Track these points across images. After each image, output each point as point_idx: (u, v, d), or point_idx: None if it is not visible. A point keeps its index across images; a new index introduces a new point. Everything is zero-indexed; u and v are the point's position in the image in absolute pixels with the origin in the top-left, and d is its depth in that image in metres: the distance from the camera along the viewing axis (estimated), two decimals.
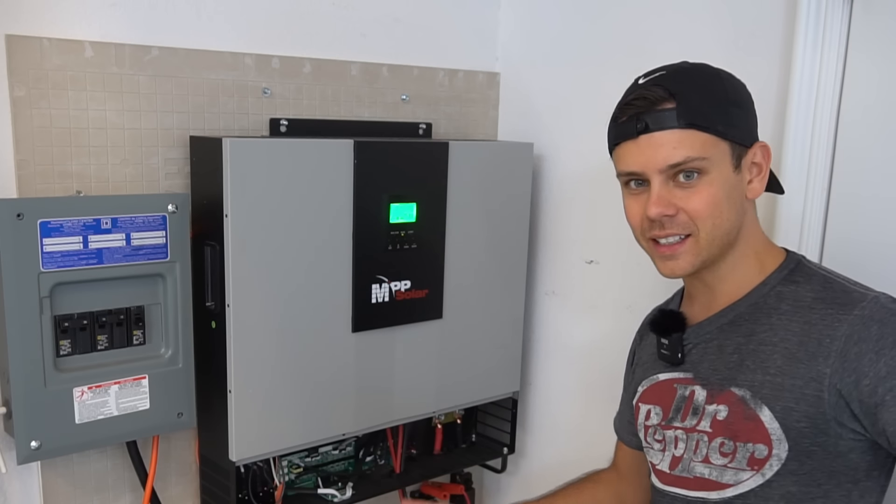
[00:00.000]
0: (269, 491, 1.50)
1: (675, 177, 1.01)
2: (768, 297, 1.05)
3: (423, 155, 1.51)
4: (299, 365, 1.41)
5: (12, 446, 1.25)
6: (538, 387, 1.85)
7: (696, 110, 1.00)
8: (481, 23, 1.81)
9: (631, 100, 1.03)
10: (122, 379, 1.29)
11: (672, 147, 1.00)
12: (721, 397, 1.05)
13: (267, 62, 1.48)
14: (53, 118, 1.28)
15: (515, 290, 1.73)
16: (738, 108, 1.03)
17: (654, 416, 1.15)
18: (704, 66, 1.05)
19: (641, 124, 1.01)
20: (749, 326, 1.05)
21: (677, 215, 1.02)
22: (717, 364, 1.07)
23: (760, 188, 1.05)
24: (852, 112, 1.28)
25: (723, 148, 1.01)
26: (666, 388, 1.13)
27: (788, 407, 0.98)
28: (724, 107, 1.01)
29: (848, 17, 1.26)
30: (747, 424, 1.01)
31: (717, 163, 1.00)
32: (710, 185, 1.00)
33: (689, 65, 1.05)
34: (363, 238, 1.43)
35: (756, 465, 1.01)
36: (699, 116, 0.99)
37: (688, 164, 1.00)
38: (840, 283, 1.03)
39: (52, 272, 1.21)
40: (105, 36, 1.32)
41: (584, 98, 1.68)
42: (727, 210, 1.01)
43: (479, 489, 1.96)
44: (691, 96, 1.00)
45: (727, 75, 1.05)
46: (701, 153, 0.99)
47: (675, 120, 0.99)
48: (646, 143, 1.01)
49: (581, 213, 1.72)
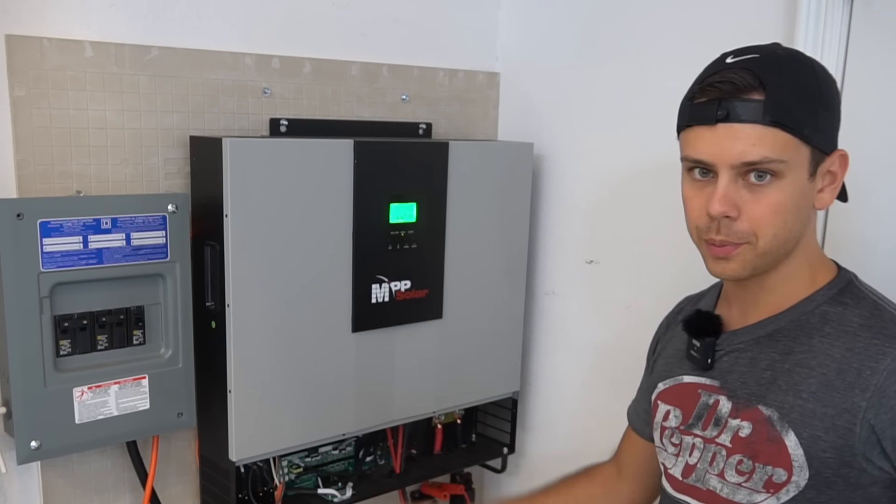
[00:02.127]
0: (269, 491, 1.50)
1: (745, 175, 0.92)
2: (812, 315, 0.99)
3: (423, 155, 1.51)
4: (299, 365, 1.41)
5: (12, 446, 1.25)
6: (538, 387, 1.85)
7: (784, 107, 0.90)
8: (481, 23, 1.81)
9: (716, 81, 0.93)
10: (122, 379, 1.29)
11: (751, 143, 0.90)
12: (746, 413, 0.99)
13: (267, 62, 1.48)
14: (53, 118, 1.28)
15: (515, 290, 1.73)
16: (827, 111, 0.94)
17: (674, 418, 1.10)
18: (799, 55, 0.97)
19: (723, 111, 0.91)
20: (787, 344, 0.99)
21: (738, 220, 0.94)
22: (747, 377, 1.01)
23: (830, 199, 0.98)
24: (852, 112, 1.27)
25: (803, 153, 0.92)
26: (689, 391, 1.08)
27: (816, 436, 0.93)
28: (814, 107, 0.92)
29: (848, 17, 1.26)
30: (770, 447, 0.96)
31: (794, 167, 0.92)
32: (782, 192, 0.92)
33: (783, 51, 0.96)
34: (363, 238, 1.43)
35: (772, 489, 0.96)
36: (787, 115, 0.90)
37: (764, 165, 0.91)
38: (890, 311, 0.96)
39: (52, 272, 1.21)
40: (105, 36, 1.32)
41: (584, 98, 1.68)
42: (793, 220, 0.94)
43: (479, 489, 1.96)
44: (782, 90, 0.91)
45: (822, 70, 0.96)
46: (781, 155, 0.91)
47: (762, 114, 0.90)
48: (723, 133, 0.92)
49: (581, 213, 1.72)
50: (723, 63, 0.95)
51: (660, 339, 1.24)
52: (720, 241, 0.95)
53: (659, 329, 1.26)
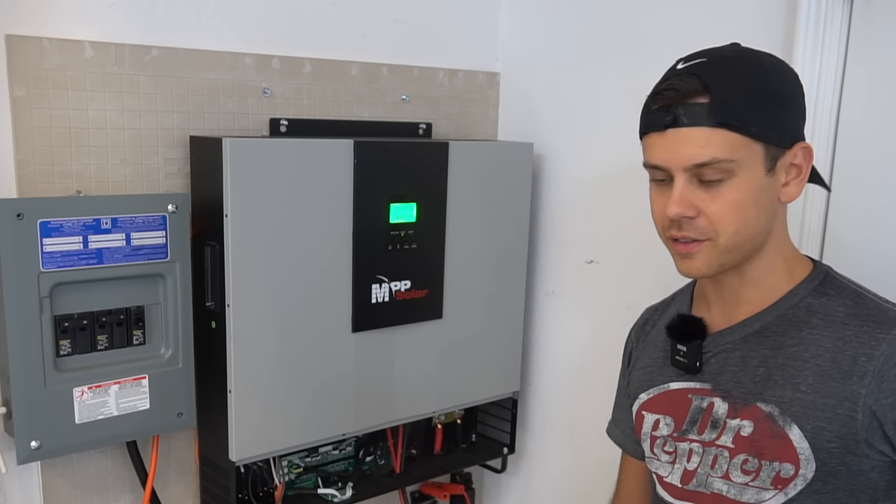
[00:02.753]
0: (269, 491, 1.50)
1: (700, 176, 0.94)
2: (798, 308, 0.99)
3: (423, 155, 1.51)
4: (299, 365, 1.41)
5: (12, 446, 1.25)
6: (538, 387, 1.85)
7: (729, 108, 0.92)
8: (481, 23, 1.81)
9: (663, 88, 0.96)
10: (122, 379, 1.29)
11: (699, 145, 0.93)
12: (745, 412, 0.99)
13: (267, 62, 1.48)
14: (53, 118, 1.28)
15: (515, 290, 1.73)
16: (778, 106, 0.95)
17: (664, 426, 1.09)
18: (751, 53, 0.97)
19: (670, 117, 0.94)
20: (777, 339, 0.99)
21: (697, 218, 0.95)
22: (740, 376, 1.01)
23: (797, 192, 0.98)
24: (852, 112, 1.28)
25: (755, 150, 0.93)
26: (678, 397, 1.08)
27: (820, 426, 0.94)
28: (763, 104, 0.93)
29: (848, 17, 1.26)
30: (774, 443, 0.96)
31: (746, 165, 0.93)
32: (737, 190, 0.94)
33: (732, 51, 0.98)
34: (363, 238, 1.43)
35: (780, 485, 0.96)
36: (732, 115, 0.92)
37: (714, 166, 0.93)
38: (872, 299, 0.98)
39: (52, 272, 1.21)
40: (105, 36, 1.32)
41: (584, 98, 1.68)
42: (753, 216, 0.95)
43: (479, 489, 1.96)
44: (727, 91, 0.92)
45: (775, 66, 0.96)
46: (730, 154, 0.92)
47: (706, 116, 0.92)
48: (672, 138, 0.94)
49: (581, 213, 1.72)
50: (674, 69, 0.98)
51: (632, 352, 1.24)
52: (681, 236, 0.97)
53: (628, 342, 1.26)
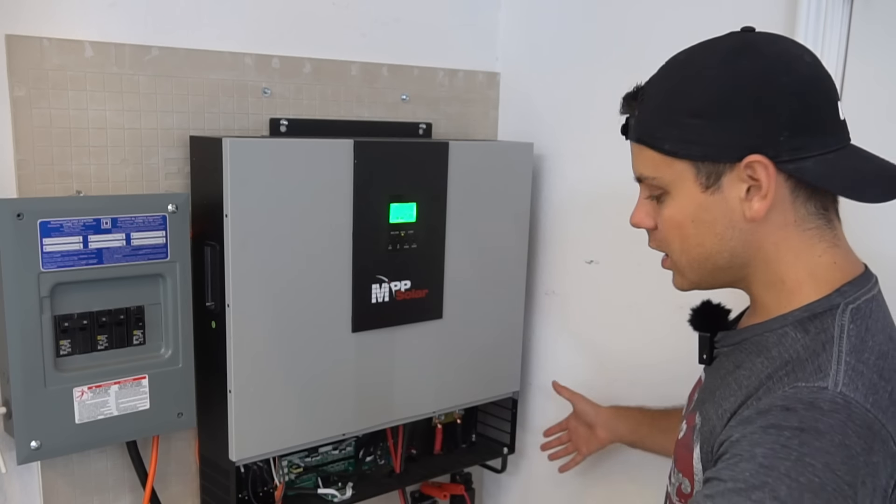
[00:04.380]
0: (269, 491, 1.50)
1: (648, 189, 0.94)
2: (773, 334, 0.89)
3: (423, 155, 1.51)
4: (299, 365, 1.41)
5: (12, 446, 1.25)
6: (538, 387, 1.85)
7: (643, 124, 0.90)
8: (481, 23, 1.81)
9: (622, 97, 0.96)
10: (122, 379, 1.29)
11: (635, 159, 0.93)
12: (690, 417, 0.97)
13: (267, 62, 1.48)
14: (53, 118, 1.28)
15: (515, 290, 1.73)
16: (708, 119, 0.85)
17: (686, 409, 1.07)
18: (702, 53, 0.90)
19: (623, 127, 0.95)
20: (741, 357, 0.92)
21: (655, 231, 0.95)
22: (710, 383, 0.97)
23: (760, 209, 0.86)
24: (852, 112, 1.27)
25: (679, 168, 0.87)
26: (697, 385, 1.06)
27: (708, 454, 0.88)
28: (681, 119, 0.86)
29: (848, 17, 1.26)
30: (685, 454, 0.93)
31: (674, 183, 0.89)
32: (670, 207, 0.90)
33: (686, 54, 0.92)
34: (363, 238, 1.43)
35: (683, 499, 0.93)
36: (645, 133, 0.90)
37: (647, 182, 0.92)
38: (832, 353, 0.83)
39: (52, 272, 1.21)
40: (105, 36, 1.32)
41: (585, 98, 1.68)
42: (695, 235, 0.89)
43: (479, 489, 1.96)
44: (647, 106, 0.90)
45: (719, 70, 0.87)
46: (653, 172, 0.90)
47: (632, 132, 0.93)
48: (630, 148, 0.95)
49: (581, 213, 1.72)
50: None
51: None
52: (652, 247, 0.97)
53: None
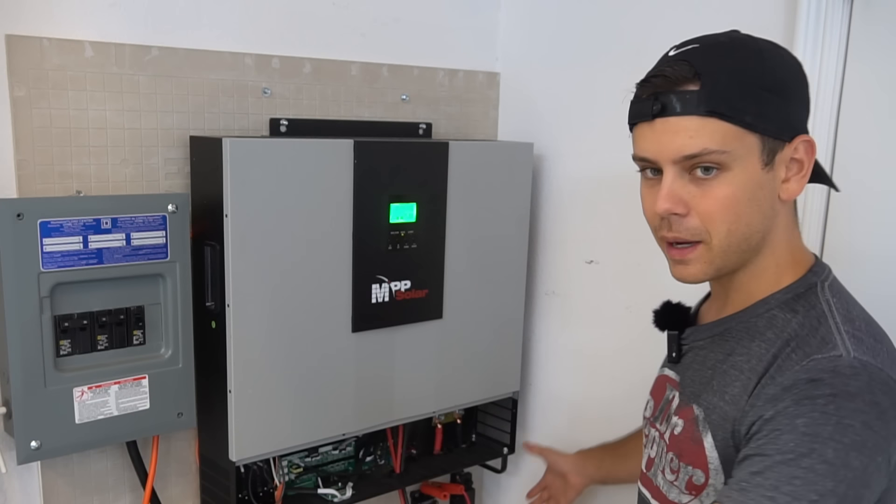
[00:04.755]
0: (269, 491, 1.50)
1: (691, 170, 0.89)
2: (760, 318, 0.93)
3: (423, 155, 1.51)
4: (299, 365, 1.41)
5: (12, 446, 1.25)
6: (538, 387, 1.85)
7: (721, 96, 0.86)
8: (481, 23, 1.81)
9: (652, 76, 0.91)
10: (122, 379, 1.29)
11: (689, 136, 0.87)
12: (684, 411, 0.98)
13: (267, 62, 1.48)
14: (53, 118, 1.28)
15: (515, 290, 1.73)
16: (776, 96, 0.88)
17: (649, 408, 1.10)
18: (748, 39, 0.92)
19: (658, 105, 0.88)
20: (731, 345, 0.95)
21: (688, 217, 0.90)
22: (695, 376, 0.99)
23: (798, 188, 0.91)
24: (852, 112, 1.28)
25: (750, 142, 0.87)
26: (662, 384, 1.08)
27: (726, 439, 0.90)
28: (759, 93, 0.87)
29: (848, 17, 1.26)
30: (692, 447, 0.94)
31: (740, 158, 0.87)
32: (730, 184, 0.88)
33: (728, 37, 0.92)
34: (363, 238, 1.43)
35: (694, 491, 0.94)
36: (724, 104, 0.86)
37: (705, 157, 0.87)
38: (829, 326, 0.88)
39: (52, 272, 1.21)
40: (105, 36, 1.32)
41: (585, 98, 1.68)
42: (748, 213, 0.89)
43: (479, 489, 1.96)
44: (720, 78, 0.87)
45: (774, 53, 0.90)
46: (722, 146, 0.86)
47: (696, 105, 0.86)
48: (661, 128, 0.89)
49: (581, 213, 1.72)
50: (665, 57, 0.92)
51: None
52: (672, 237, 0.92)
53: None
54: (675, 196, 0.89)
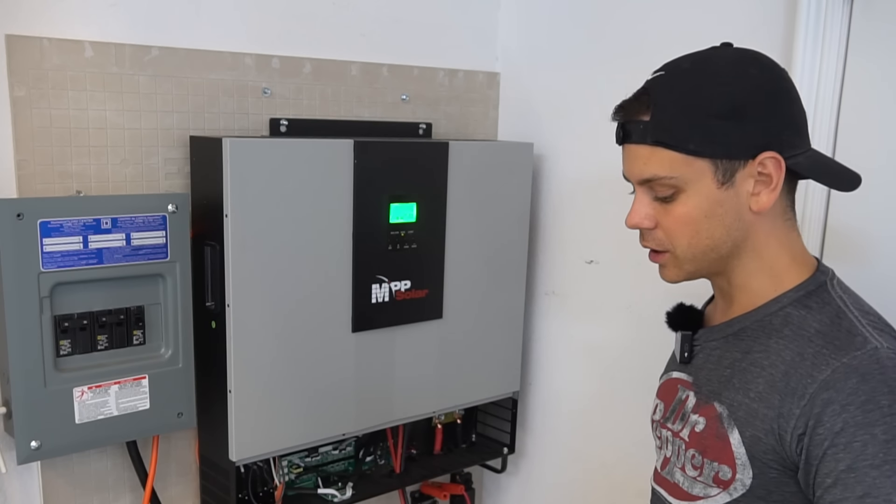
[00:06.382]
0: (269, 491, 1.50)
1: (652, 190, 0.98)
2: (775, 316, 0.98)
3: (423, 155, 1.51)
4: (299, 365, 1.41)
5: (12, 446, 1.25)
6: (538, 387, 1.85)
7: (665, 127, 0.94)
8: (481, 23, 1.81)
9: (618, 104, 1.00)
10: (122, 379, 1.29)
11: (643, 162, 0.96)
12: (704, 409, 1.01)
13: (267, 62, 1.48)
14: (53, 118, 1.28)
15: (515, 290, 1.73)
16: (727, 121, 0.92)
17: (658, 411, 1.13)
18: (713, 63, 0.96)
19: (621, 133, 0.98)
20: (748, 343, 0.99)
21: (655, 230, 0.99)
22: (711, 374, 1.02)
23: (767, 201, 0.94)
24: (852, 112, 1.28)
25: (699, 166, 0.93)
26: (672, 386, 1.11)
27: (757, 436, 0.93)
28: (705, 121, 0.93)
29: (848, 17, 1.26)
30: (717, 443, 0.97)
31: (692, 181, 0.94)
32: (684, 205, 0.95)
33: (693, 62, 0.97)
34: (363, 238, 1.43)
35: (721, 485, 0.97)
36: (667, 134, 0.94)
37: (658, 182, 0.95)
38: (851, 319, 0.93)
39: (52, 272, 1.21)
40: (105, 36, 1.32)
41: (584, 98, 1.68)
42: (707, 228, 0.96)
43: (479, 489, 1.96)
44: (666, 109, 0.94)
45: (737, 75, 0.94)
46: (670, 172, 0.94)
47: (645, 135, 0.95)
48: (627, 153, 0.99)
49: (581, 213, 1.72)
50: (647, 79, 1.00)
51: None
52: (645, 246, 1.02)
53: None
54: (641, 213, 1.00)
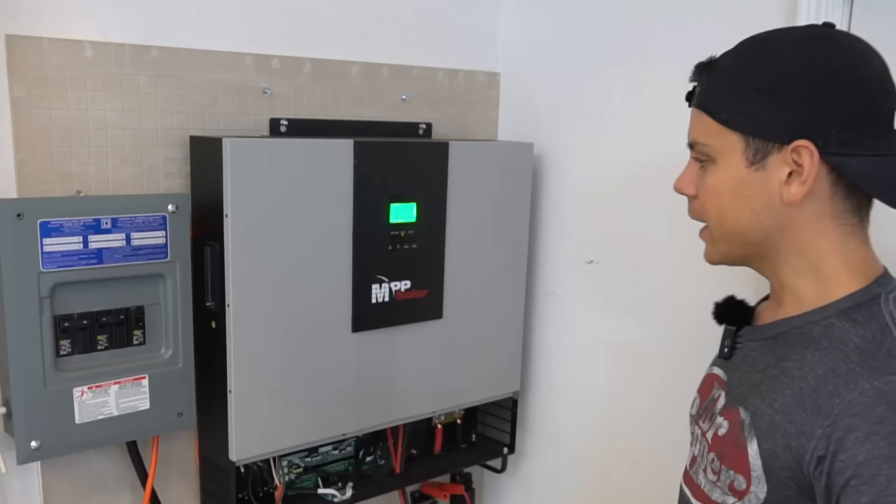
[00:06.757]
0: (269, 491, 1.50)
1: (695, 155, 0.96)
2: (817, 326, 0.90)
3: (423, 155, 1.51)
4: (299, 365, 1.41)
5: (12, 446, 1.25)
6: (538, 387, 1.85)
7: (706, 92, 0.93)
8: (481, 23, 1.81)
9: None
10: (122, 379, 1.29)
11: (692, 125, 0.96)
12: (730, 413, 0.96)
13: (267, 62, 1.48)
14: (53, 118, 1.28)
15: (515, 290, 1.73)
16: (767, 97, 0.88)
17: (695, 406, 1.08)
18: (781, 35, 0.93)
19: (688, 94, 0.97)
20: (784, 350, 0.92)
21: (695, 199, 0.97)
22: (744, 377, 0.97)
23: (797, 193, 0.88)
24: None
25: (731, 139, 0.90)
26: (710, 382, 1.05)
27: (774, 451, 0.88)
28: (744, 93, 0.90)
29: (848, 17, 1.26)
30: (735, 451, 0.93)
31: (723, 153, 0.92)
32: (713, 176, 0.93)
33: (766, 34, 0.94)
34: (363, 238, 1.43)
35: (737, 495, 0.92)
36: (706, 100, 0.93)
37: (696, 148, 0.95)
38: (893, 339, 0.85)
39: (52, 272, 1.21)
40: (105, 36, 1.32)
41: (585, 98, 1.68)
42: (733, 207, 0.92)
43: (479, 489, 1.96)
44: (713, 76, 0.93)
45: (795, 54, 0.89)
46: (706, 139, 0.93)
47: (695, 98, 0.95)
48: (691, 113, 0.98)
49: (581, 213, 1.72)
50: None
51: None
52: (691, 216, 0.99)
53: None
54: (686, 179, 0.98)
